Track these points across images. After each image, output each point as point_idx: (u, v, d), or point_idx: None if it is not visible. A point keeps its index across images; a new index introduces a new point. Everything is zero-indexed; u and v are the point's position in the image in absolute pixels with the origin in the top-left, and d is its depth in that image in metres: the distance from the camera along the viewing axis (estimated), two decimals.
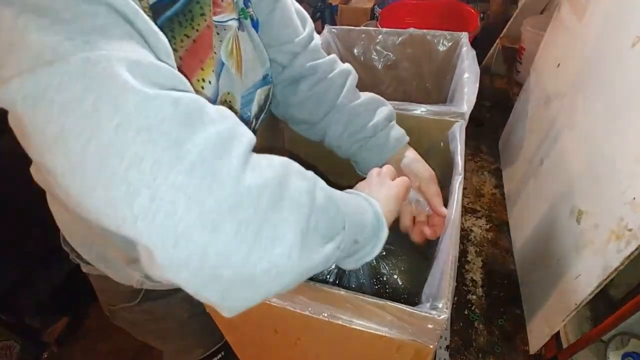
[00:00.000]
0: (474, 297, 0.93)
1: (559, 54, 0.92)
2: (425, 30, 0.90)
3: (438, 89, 0.97)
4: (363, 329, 0.41)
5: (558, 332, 0.74)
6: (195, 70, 0.39)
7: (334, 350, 0.51)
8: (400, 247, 0.64)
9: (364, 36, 0.94)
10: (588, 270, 0.62)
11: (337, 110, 0.55)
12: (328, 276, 0.63)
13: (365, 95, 0.57)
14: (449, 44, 0.88)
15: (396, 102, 0.65)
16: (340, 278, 0.62)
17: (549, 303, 0.75)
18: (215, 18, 0.41)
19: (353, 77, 0.57)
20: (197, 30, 0.38)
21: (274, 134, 0.72)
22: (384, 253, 0.63)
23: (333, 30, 0.94)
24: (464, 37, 0.85)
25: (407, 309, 0.38)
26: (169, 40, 0.32)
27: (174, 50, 0.36)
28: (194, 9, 0.38)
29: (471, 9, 1.41)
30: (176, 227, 0.23)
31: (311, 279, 0.42)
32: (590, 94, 0.73)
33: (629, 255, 0.53)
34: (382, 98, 0.58)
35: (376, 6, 2.20)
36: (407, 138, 0.57)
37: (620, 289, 0.72)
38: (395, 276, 0.62)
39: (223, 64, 0.43)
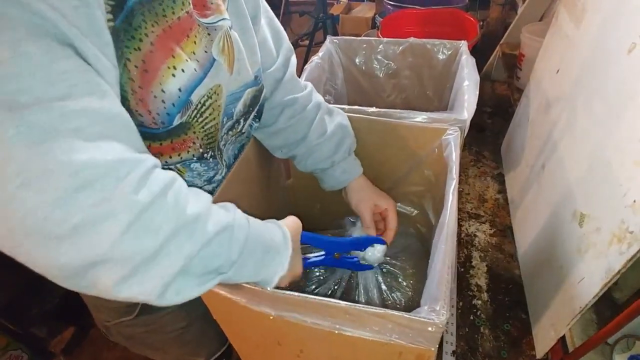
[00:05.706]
0: (479, 302, 0.93)
1: (558, 60, 0.93)
2: (425, 40, 0.92)
3: (439, 96, 0.99)
4: (365, 337, 0.42)
5: (564, 336, 0.74)
6: (166, 58, 0.40)
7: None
8: (409, 261, 0.65)
9: (365, 46, 0.96)
10: (591, 273, 0.62)
11: (305, 142, 0.61)
12: (336, 287, 0.63)
13: (333, 125, 0.62)
14: (449, 52, 0.90)
15: (397, 110, 0.67)
16: (347, 293, 0.63)
17: (554, 307, 0.75)
18: (204, 20, 0.43)
19: (323, 110, 0.63)
20: (167, 21, 0.39)
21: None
22: (395, 263, 0.64)
23: (335, 40, 0.96)
24: (463, 45, 0.87)
25: (406, 315, 0.38)
26: (139, 25, 0.36)
27: (145, 35, 0.38)
28: (165, 1, 0.39)
29: (471, 17, 1.43)
30: None
31: (315, 293, 0.42)
32: (589, 99, 0.74)
33: (631, 258, 0.54)
34: (348, 126, 0.65)
35: (377, 15, 2.24)
36: (361, 170, 0.66)
37: (625, 292, 0.72)
38: (403, 289, 0.62)
39: (214, 59, 0.44)
